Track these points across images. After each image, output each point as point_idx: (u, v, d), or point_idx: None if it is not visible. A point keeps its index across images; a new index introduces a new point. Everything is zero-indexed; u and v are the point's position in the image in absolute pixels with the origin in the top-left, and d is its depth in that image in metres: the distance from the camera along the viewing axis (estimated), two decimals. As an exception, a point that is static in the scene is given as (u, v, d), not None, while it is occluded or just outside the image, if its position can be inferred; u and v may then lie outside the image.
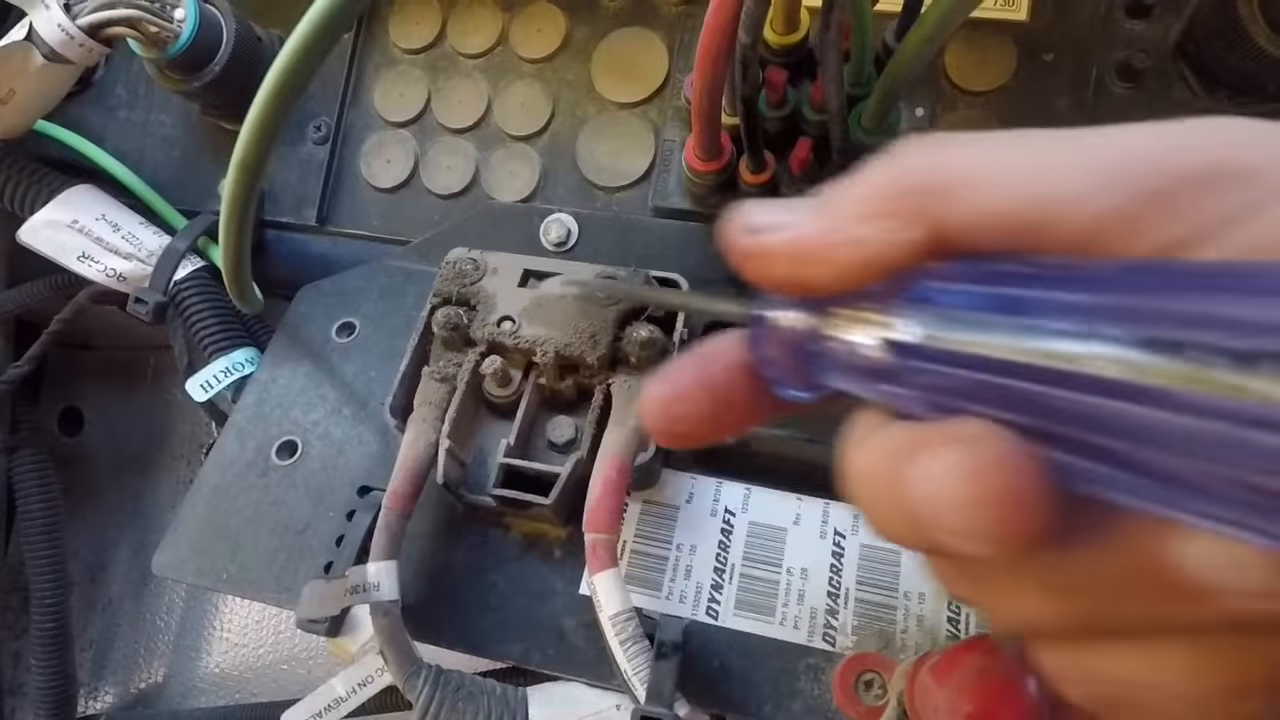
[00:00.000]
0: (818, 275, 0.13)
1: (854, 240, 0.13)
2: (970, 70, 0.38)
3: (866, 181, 0.13)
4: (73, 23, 0.36)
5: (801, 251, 0.13)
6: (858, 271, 0.13)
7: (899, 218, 0.13)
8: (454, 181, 0.43)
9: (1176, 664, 0.12)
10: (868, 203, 0.13)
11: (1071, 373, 0.10)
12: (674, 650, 0.29)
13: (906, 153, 0.13)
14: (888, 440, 0.12)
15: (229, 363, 0.41)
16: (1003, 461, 0.11)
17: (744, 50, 0.30)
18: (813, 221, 0.13)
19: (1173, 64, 0.37)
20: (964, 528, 0.11)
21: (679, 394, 0.15)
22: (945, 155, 0.13)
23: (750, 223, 0.14)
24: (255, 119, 0.24)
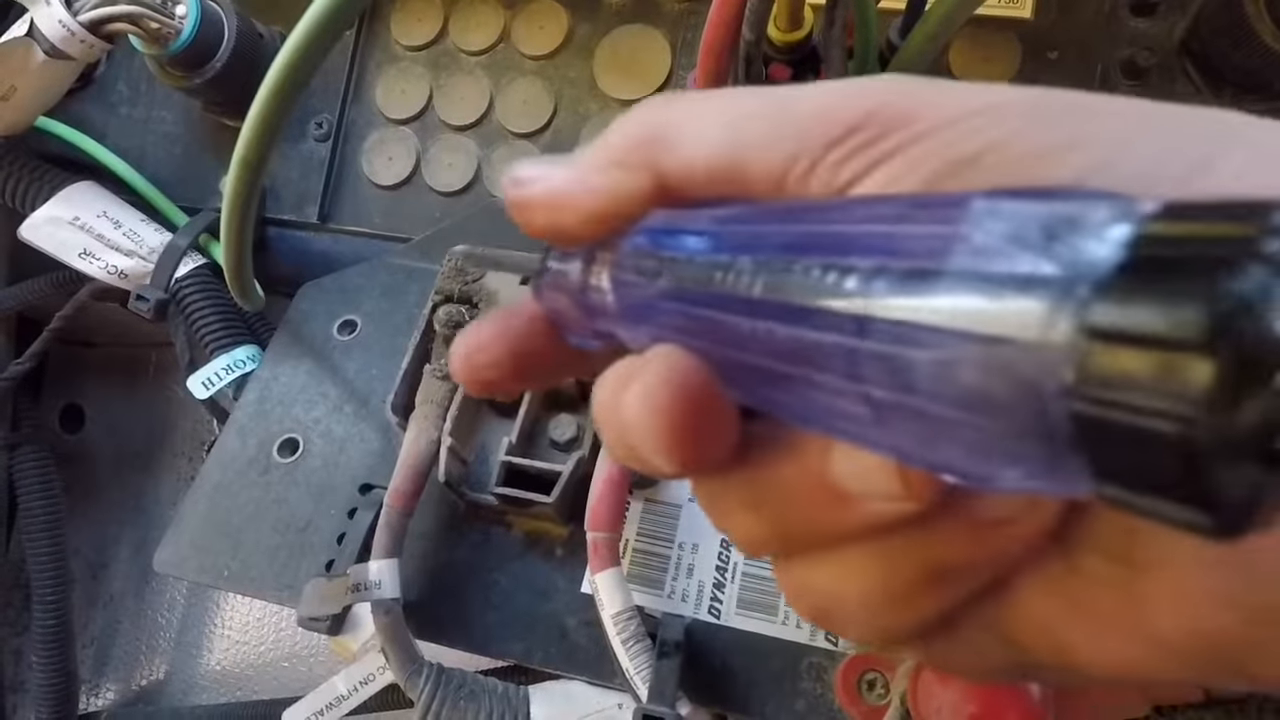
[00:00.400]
0: (567, 222, 0.14)
1: (592, 189, 0.14)
2: (974, 68, 0.38)
3: (609, 135, 0.14)
4: (74, 19, 0.36)
5: (553, 200, 0.14)
6: (599, 218, 0.14)
7: (628, 167, 0.14)
8: (456, 179, 0.43)
9: (853, 572, 0.13)
10: (605, 153, 0.14)
11: (730, 296, 0.11)
12: (676, 649, 0.29)
13: (642, 108, 0.14)
14: (614, 371, 0.13)
15: (230, 360, 0.41)
16: (672, 379, 0.12)
17: (748, 47, 0.30)
18: (564, 173, 0.14)
19: (1178, 61, 0.37)
20: (652, 446, 0.12)
21: (480, 344, 0.16)
22: (668, 109, 0.14)
23: (517, 176, 0.15)
24: (257, 116, 0.24)
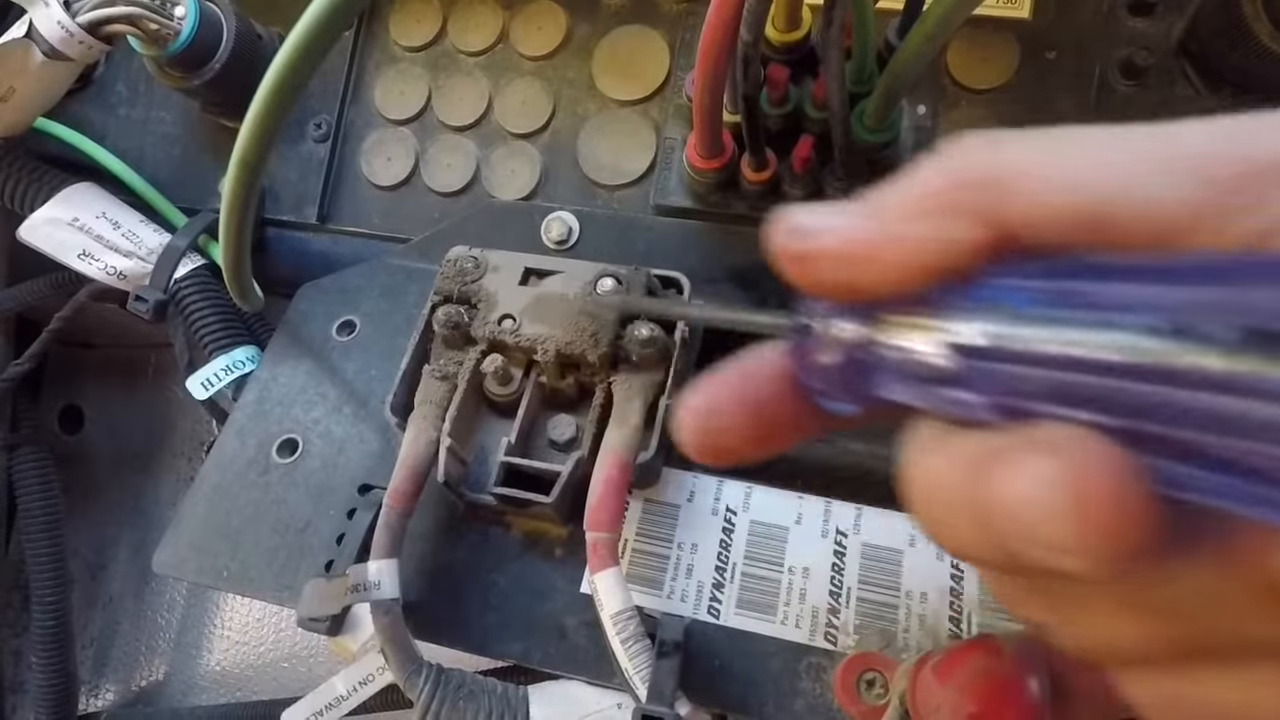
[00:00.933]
0: (868, 277, 0.12)
1: (906, 239, 0.12)
2: (973, 68, 0.38)
3: (918, 179, 0.13)
4: (73, 20, 0.36)
5: (850, 253, 0.13)
6: (912, 273, 0.12)
7: (956, 215, 0.12)
8: (454, 179, 0.43)
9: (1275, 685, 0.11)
10: (921, 200, 0.12)
11: (1161, 368, 0.10)
12: (675, 649, 0.29)
13: (961, 149, 0.12)
14: (962, 449, 0.11)
15: (229, 361, 0.41)
16: (1100, 467, 0.10)
17: (745, 48, 0.30)
18: (862, 222, 0.13)
19: (1176, 62, 0.37)
20: (1061, 542, 0.10)
21: (716, 408, 0.14)
22: (1003, 151, 0.12)
23: (796, 225, 0.13)
24: (255, 116, 0.24)
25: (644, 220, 0.40)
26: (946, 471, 0.12)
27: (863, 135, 0.35)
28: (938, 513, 0.12)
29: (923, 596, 0.31)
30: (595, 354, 0.32)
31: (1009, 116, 0.38)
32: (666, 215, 0.40)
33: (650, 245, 0.40)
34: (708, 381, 0.15)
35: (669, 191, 0.40)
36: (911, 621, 0.31)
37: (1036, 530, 0.10)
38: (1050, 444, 0.11)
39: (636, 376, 0.33)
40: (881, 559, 0.32)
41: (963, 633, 0.30)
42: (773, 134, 0.37)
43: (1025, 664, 0.22)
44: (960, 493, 0.11)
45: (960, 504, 0.11)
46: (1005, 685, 0.22)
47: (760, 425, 0.14)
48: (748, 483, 0.34)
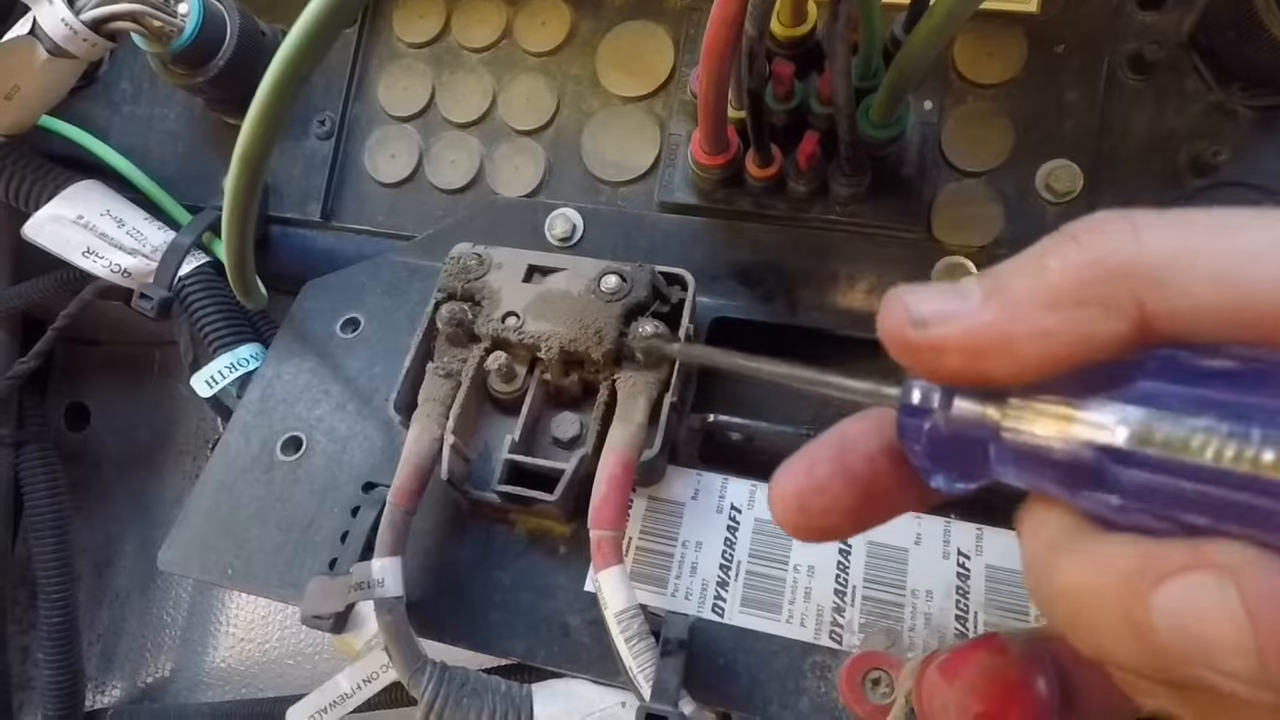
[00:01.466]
0: (998, 370, 0.12)
1: (1042, 332, 0.11)
2: (980, 63, 0.38)
3: (1053, 263, 0.12)
4: (76, 17, 0.36)
5: (981, 346, 0.12)
6: (1047, 366, 0.12)
7: (1099, 307, 0.11)
8: (458, 176, 0.43)
9: None
10: (1058, 289, 0.12)
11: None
12: (679, 647, 0.29)
13: (1098, 231, 0.12)
14: (1115, 560, 0.11)
15: (233, 358, 0.41)
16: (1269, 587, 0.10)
17: (750, 43, 0.30)
18: (989, 310, 0.12)
19: (1185, 56, 0.37)
20: (1240, 673, 0.10)
21: (817, 487, 0.14)
22: (1147, 237, 0.11)
23: (916, 313, 0.12)
24: (257, 113, 0.24)
25: (648, 217, 0.40)
26: (1099, 583, 0.11)
27: (869, 131, 0.35)
28: (1086, 621, 0.11)
29: (928, 595, 0.31)
30: (599, 351, 0.32)
31: (1016, 111, 0.38)
32: (671, 212, 0.40)
33: (655, 242, 0.39)
34: (801, 457, 0.14)
35: (673, 188, 0.39)
36: (917, 620, 0.30)
37: (1213, 658, 0.10)
38: (1225, 566, 0.10)
39: (641, 374, 0.32)
40: (887, 557, 0.32)
41: (969, 631, 0.30)
42: (778, 130, 0.37)
43: (1032, 663, 0.21)
44: (1117, 607, 0.11)
45: (1115, 618, 0.11)
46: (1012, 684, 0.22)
47: (862, 502, 0.14)
48: (752, 481, 0.34)
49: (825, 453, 0.14)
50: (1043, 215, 0.37)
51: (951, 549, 0.31)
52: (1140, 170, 0.36)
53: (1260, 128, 0.36)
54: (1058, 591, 0.12)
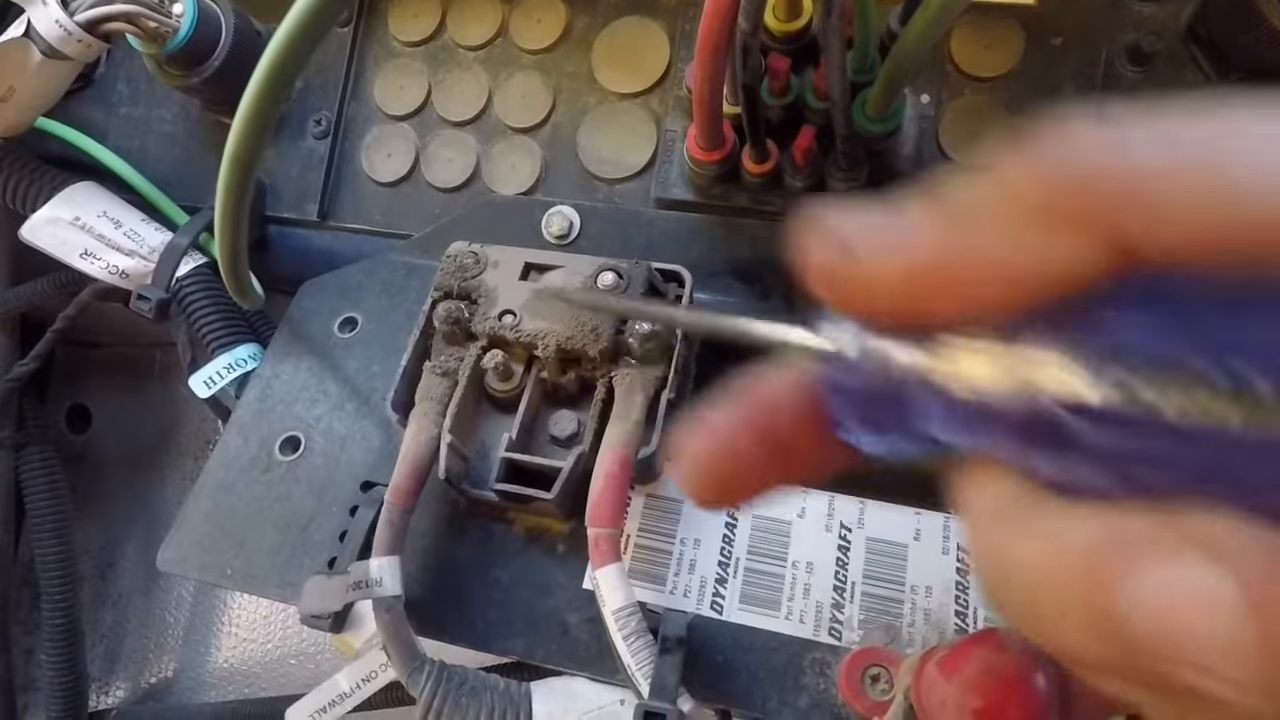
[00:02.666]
0: (943, 310, 0.10)
1: (998, 263, 0.09)
2: (977, 55, 0.38)
3: (1013, 173, 0.09)
4: (70, 19, 0.36)
5: (920, 281, 0.10)
6: (1002, 305, 0.09)
7: (1070, 231, 0.09)
8: (455, 174, 0.43)
9: None
10: (1019, 208, 0.09)
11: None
12: (678, 645, 0.29)
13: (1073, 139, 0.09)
14: (1078, 535, 0.09)
15: (232, 359, 0.41)
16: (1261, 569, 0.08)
17: (744, 37, 0.30)
18: (935, 234, 0.10)
19: (1184, 47, 0.36)
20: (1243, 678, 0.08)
21: (725, 448, 0.12)
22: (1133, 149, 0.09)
23: (844, 237, 0.10)
24: (246, 112, 0.24)
25: (645, 214, 0.40)
26: (1057, 563, 0.09)
27: (865, 125, 0.35)
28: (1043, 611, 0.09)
29: (928, 590, 0.31)
30: (596, 349, 0.32)
31: (1014, 104, 0.37)
32: (668, 208, 0.40)
33: (651, 239, 0.39)
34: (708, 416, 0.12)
35: (670, 184, 0.39)
36: (916, 616, 0.30)
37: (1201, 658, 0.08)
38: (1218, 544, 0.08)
39: (638, 371, 0.32)
40: (886, 553, 0.31)
41: (969, 627, 0.30)
42: (774, 125, 0.37)
43: (1031, 659, 0.21)
44: (1079, 593, 0.09)
45: (1079, 607, 0.09)
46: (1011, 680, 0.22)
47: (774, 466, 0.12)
48: (751, 477, 0.33)
49: (736, 409, 0.12)
50: (1041, 208, 0.37)
51: (951, 544, 0.31)
52: (1139, 162, 0.36)
53: (1260, 118, 0.36)
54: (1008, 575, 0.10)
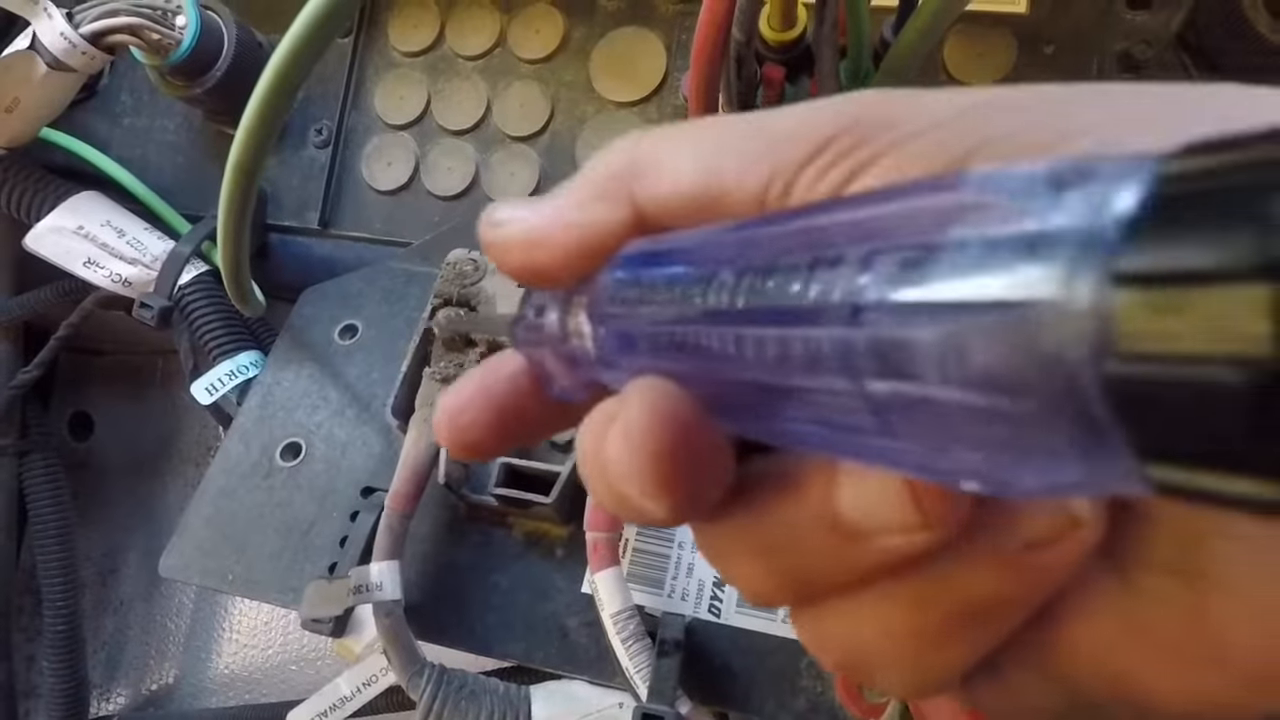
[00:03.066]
0: (544, 260, 0.14)
1: (570, 224, 0.14)
2: (969, 64, 0.38)
3: (585, 170, 0.14)
4: (75, 31, 0.37)
5: (529, 239, 0.14)
6: (577, 253, 0.14)
7: (605, 200, 0.14)
8: (454, 183, 0.44)
9: (876, 618, 0.12)
10: (583, 190, 0.14)
11: (710, 312, 0.11)
12: (676, 648, 0.29)
13: (618, 141, 0.14)
14: (595, 414, 0.13)
15: (233, 366, 0.42)
16: (654, 414, 0.11)
17: (738, 47, 0.30)
18: (541, 211, 0.14)
19: (1174, 55, 0.37)
20: (639, 488, 0.11)
21: (462, 405, 0.15)
22: (643, 141, 0.14)
23: (493, 216, 0.15)
24: (250, 122, 0.25)
25: (642, 221, 0.40)
26: (584, 432, 0.13)
27: (859, 133, 0.35)
28: (583, 470, 0.13)
29: (924, 593, 0.31)
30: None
31: (1007, 112, 0.38)
32: (665, 215, 0.40)
33: (649, 246, 0.40)
34: (459, 381, 0.16)
35: (667, 192, 0.40)
36: (912, 619, 0.30)
37: (626, 483, 0.11)
38: (626, 398, 0.12)
39: (635, 376, 0.33)
40: (882, 556, 0.32)
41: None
42: (769, 133, 0.37)
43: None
44: (591, 456, 0.12)
45: (592, 467, 0.12)
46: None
47: (504, 418, 0.15)
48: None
49: (476, 375, 0.16)
50: (1034, 214, 0.37)
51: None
52: (1131, 168, 0.37)
53: (1250, 125, 0.36)
54: (577, 456, 0.13)
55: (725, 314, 0.10)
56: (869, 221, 0.09)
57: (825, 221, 0.10)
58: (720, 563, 0.13)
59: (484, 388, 0.15)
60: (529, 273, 0.14)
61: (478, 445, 0.15)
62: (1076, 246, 0.07)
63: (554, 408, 0.16)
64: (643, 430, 0.11)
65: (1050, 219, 0.07)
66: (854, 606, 0.12)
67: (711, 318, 0.11)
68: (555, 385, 0.15)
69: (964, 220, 0.08)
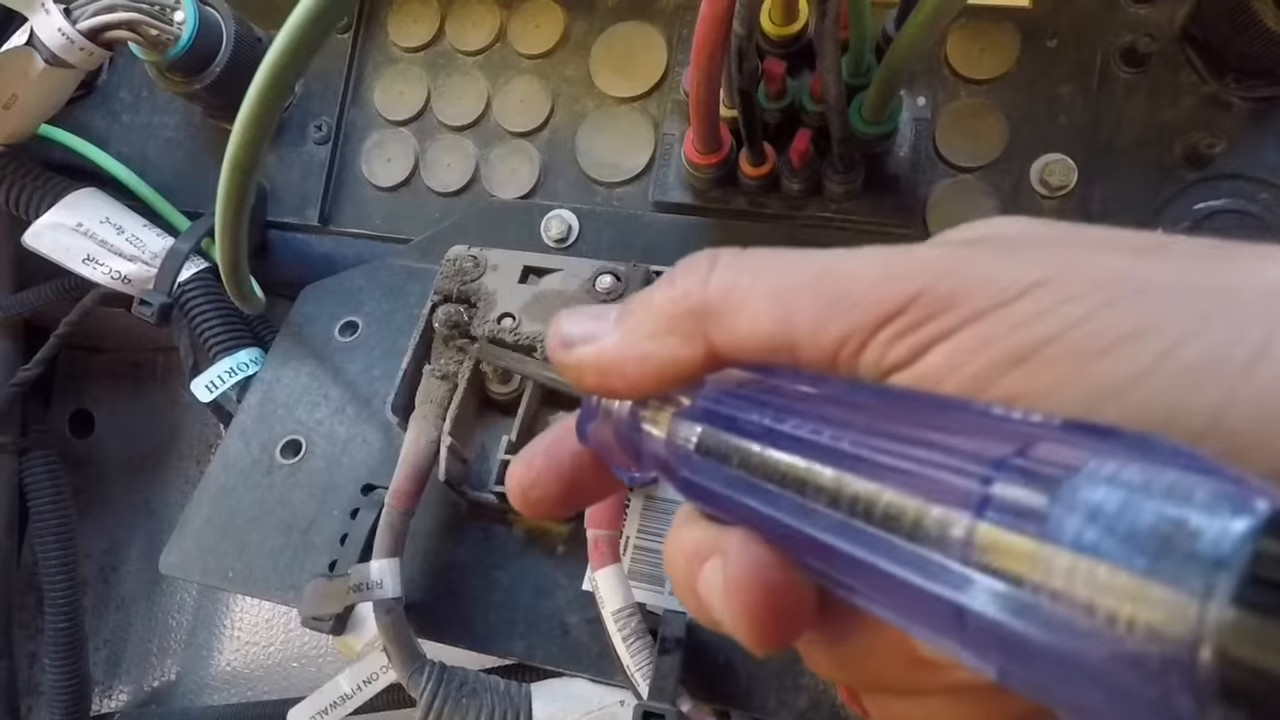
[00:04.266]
0: (618, 386, 0.15)
1: (644, 356, 0.15)
2: (972, 58, 0.38)
3: (656, 298, 0.15)
4: (73, 27, 0.37)
5: (603, 365, 0.15)
6: (651, 384, 0.15)
7: (677, 336, 0.14)
8: (454, 179, 0.43)
9: (940, 712, 0.13)
10: (654, 320, 0.15)
11: (806, 483, 0.12)
12: (677, 646, 0.29)
13: (688, 271, 0.15)
14: (686, 539, 0.14)
15: (233, 363, 0.41)
16: (750, 574, 0.13)
17: (739, 41, 0.30)
18: (612, 336, 0.15)
19: (1179, 48, 0.37)
20: (735, 629, 0.13)
21: (534, 481, 0.17)
22: (716, 277, 0.14)
23: (565, 334, 0.16)
24: (246, 118, 0.24)
25: (643, 217, 0.40)
26: (676, 559, 0.14)
27: (861, 128, 0.35)
28: (674, 584, 0.15)
29: (926, 591, 0.31)
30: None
31: (1010, 107, 0.38)
32: (666, 211, 0.40)
33: (650, 242, 0.39)
34: (527, 452, 0.17)
35: (668, 188, 0.39)
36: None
37: (723, 621, 0.13)
38: (725, 551, 0.13)
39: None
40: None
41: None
42: (771, 128, 0.37)
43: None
44: (683, 577, 0.14)
45: (684, 585, 0.14)
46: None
47: (568, 491, 0.17)
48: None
49: (543, 448, 0.17)
50: (1038, 210, 0.37)
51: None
52: (1135, 164, 0.36)
53: (1255, 119, 0.36)
54: (666, 557, 0.15)
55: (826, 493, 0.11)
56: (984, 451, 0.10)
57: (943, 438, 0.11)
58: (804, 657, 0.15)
59: (551, 464, 0.17)
60: (602, 393, 0.16)
61: (549, 514, 0.18)
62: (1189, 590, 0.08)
63: (612, 479, 0.17)
64: (740, 586, 0.13)
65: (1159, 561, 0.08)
66: (924, 703, 0.14)
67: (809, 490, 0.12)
68: (623, 472, 0.17)
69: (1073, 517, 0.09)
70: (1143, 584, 0.08)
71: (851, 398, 0.12)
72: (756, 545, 0.13)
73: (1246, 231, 0.35)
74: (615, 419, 0.16)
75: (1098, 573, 0.08)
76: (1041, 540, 0.09)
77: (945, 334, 0.12)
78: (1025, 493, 0.09)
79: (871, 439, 0.11)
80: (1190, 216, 0.36)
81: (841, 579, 0.12)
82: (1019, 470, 0.10)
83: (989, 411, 0.11)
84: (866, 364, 0.12)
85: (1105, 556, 0.08)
